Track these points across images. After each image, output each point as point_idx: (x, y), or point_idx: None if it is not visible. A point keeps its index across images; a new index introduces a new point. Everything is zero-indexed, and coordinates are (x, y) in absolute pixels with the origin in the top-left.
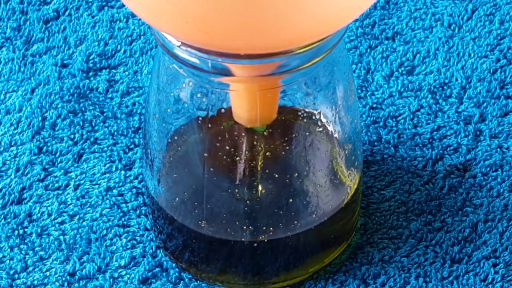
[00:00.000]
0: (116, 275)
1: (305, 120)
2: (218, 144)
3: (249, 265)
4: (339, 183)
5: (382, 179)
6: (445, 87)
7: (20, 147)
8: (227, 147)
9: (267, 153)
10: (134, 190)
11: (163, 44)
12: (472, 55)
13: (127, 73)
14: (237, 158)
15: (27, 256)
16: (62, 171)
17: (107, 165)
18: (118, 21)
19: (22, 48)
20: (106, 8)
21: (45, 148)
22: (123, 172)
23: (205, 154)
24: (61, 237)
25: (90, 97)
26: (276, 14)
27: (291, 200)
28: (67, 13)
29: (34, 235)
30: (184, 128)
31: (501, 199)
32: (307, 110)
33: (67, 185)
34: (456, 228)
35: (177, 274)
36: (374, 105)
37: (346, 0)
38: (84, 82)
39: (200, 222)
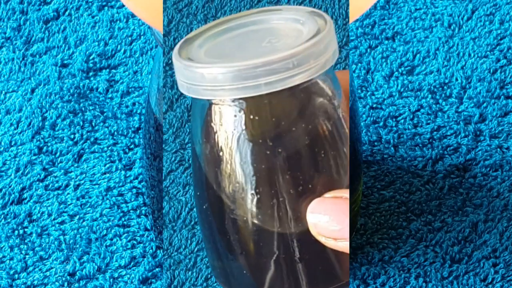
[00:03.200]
0: (116, 275)
1: None
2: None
3: None
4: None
5: (382, 179)
6: (445, 87)
7: (20, 147)
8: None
9: None
10: (134, 190)
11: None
12: (472, 55)
13: (127, 73)
14: None
15: (27, 256)
16: (62, 171)
17: (107, 165)
18: (118, 21)
19: (22, 48)
20: (106, 8)
21: (45, 148)
22: (123, 172)
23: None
24: (61, 237)
25: (90, 97)
26: None
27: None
28: (67, 13)
29: (34, 235)
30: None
31: (501, 199)
32: None
33: (67, 185)
34: (456, 228)
35: None
36: (374, 105)
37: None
38: (84, 82)
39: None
